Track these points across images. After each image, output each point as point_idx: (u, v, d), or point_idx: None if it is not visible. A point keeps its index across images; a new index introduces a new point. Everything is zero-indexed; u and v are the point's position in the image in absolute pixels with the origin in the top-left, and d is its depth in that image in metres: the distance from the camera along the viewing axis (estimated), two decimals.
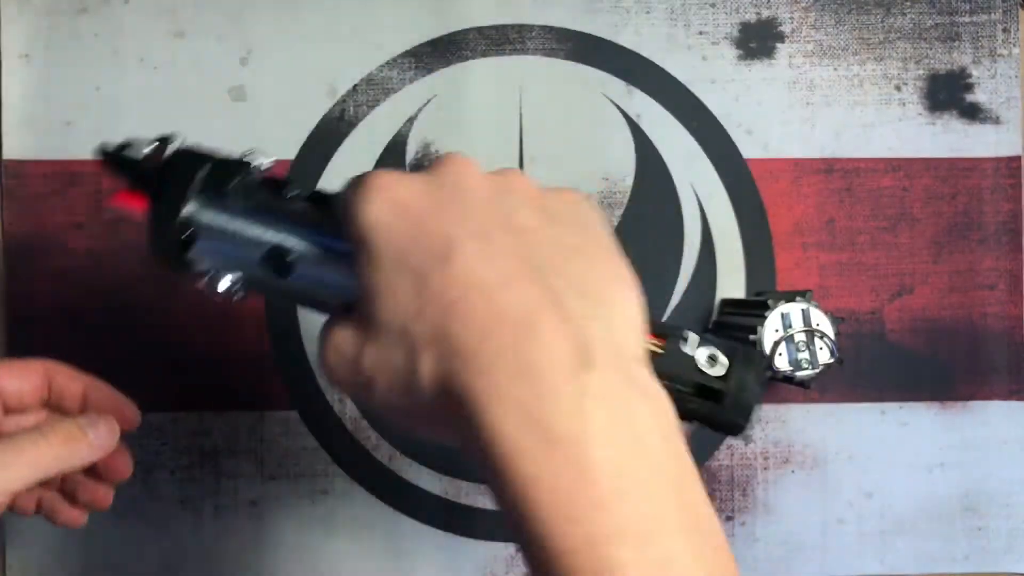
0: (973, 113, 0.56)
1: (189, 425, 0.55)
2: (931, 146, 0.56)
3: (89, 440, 0.39)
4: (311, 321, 0.54)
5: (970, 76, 0.56)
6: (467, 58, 0.56)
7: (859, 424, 0.56)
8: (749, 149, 0.56)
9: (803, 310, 0.48)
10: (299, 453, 0.55)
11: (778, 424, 0.55)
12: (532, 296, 0.27)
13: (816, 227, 0.56)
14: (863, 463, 0.56)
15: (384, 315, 0.28)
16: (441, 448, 0.52)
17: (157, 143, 0.35)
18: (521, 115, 0.56)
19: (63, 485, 0.43)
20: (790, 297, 0.49)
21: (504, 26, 0.56)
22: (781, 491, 0.55)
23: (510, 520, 0.26)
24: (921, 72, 0.56)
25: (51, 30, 0.55)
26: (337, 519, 0.55)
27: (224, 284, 0.33)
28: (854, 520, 0.56)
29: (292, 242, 0.32)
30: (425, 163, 0.55)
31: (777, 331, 0.48)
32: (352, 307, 0.30)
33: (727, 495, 0.55)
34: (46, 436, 0.38)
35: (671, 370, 0.32)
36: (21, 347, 0.54)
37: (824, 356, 0.48)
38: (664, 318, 0.55)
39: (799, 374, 0.48)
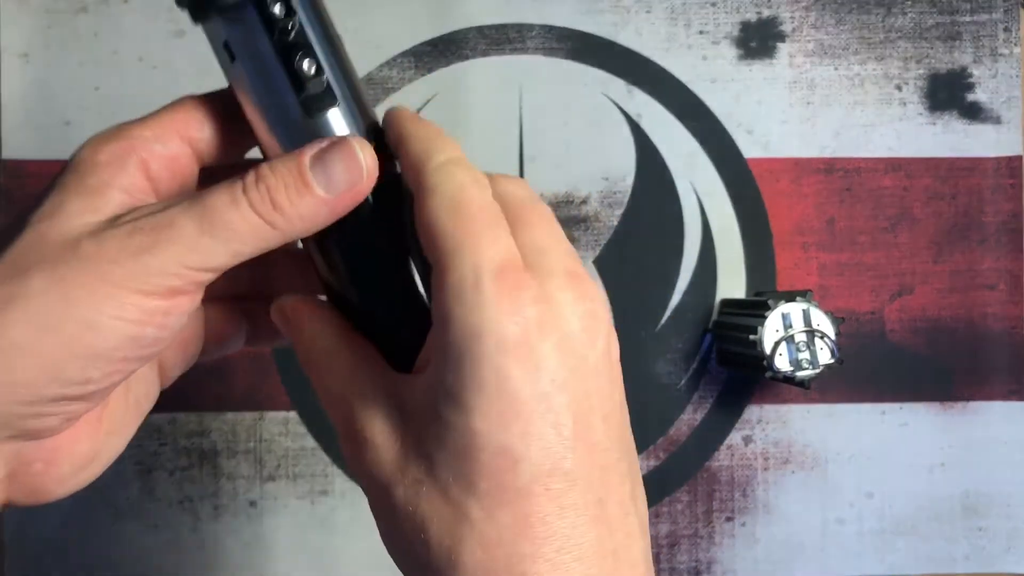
0: (974, 113, 0.56)
1: (189, 425, 0.55)
2: (931, 146, 0.56)
3: (312, 183, 0.25)
4: None
5: (971, 76, 0.56)
6: (467, 57, 0.56)
7: (859, 424, 0.56)
8: (749, 149, 0.56)
9: (803, 310, 0.48)
10: (299, 453, 0.55)
11: (778, 424, 0.55)
12: None
13: (816, 227, 0.56)
14: (863, 463, 0.56)
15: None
16: None
17: None
18: (521, 115, 0.56)
19: None
20: (790, 297, 0.49)
21: (504, 25, 0.56)
22: (781, 491, 0.55)
23: None
24: (922, 72, 0.56)
25: (51, 30, 0.55)
26: (337, 519, 0.55)
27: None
28: (854, 520, 0.56)
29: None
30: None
31: (777, 331, 0.48)
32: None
33: (727, 495, 0.55)
34: (248, 189, 0.25)
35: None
36: None
37: (824, 356, 0.48)
38: (664, 318, 0.55)
39: (799, 374, 0.48)
